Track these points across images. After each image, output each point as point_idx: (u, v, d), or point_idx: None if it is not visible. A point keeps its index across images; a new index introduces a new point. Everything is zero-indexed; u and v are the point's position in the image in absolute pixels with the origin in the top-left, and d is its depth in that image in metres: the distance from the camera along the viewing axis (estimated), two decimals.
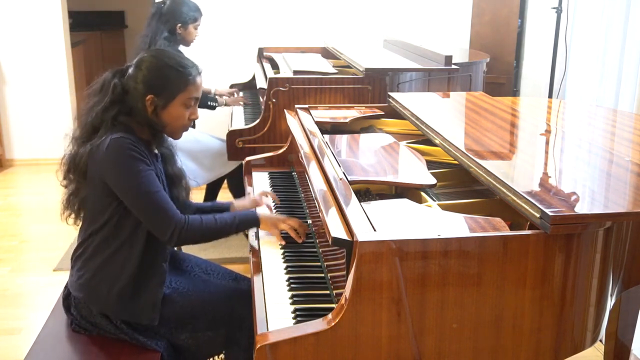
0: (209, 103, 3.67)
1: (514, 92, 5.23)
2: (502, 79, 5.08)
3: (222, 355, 2.12)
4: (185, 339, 1.82)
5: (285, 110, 2.68)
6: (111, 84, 1.79)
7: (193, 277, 1.97)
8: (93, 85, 1.84)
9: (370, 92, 3.18)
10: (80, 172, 1.78)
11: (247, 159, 2.62)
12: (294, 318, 1.49)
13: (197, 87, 1.83)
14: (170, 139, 1.92)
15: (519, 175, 1.65)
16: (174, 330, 1.81)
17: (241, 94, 3.99)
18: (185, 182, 1.99)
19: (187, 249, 2.49)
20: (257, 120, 3.17)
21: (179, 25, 3.43)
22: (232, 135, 3.16)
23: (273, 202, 2.15)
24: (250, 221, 1.89)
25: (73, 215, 1.86)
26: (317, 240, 1.85)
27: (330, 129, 2.47)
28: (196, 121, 3.91)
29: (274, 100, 3.13)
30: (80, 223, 1.87)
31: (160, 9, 3.44)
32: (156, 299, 1.78)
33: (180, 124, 1.83)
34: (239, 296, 1.87)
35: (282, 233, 1.89)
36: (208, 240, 1.91)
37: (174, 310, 1.81)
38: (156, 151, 1.88)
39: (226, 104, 3.82)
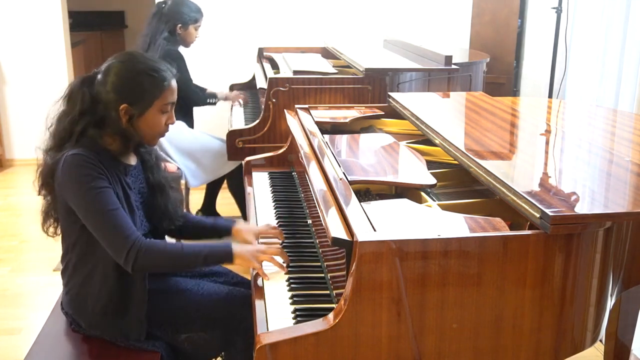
0: (208, 100, 3.67)
1: (514, 92, 5.23)
2: (502, 79, 5.08)
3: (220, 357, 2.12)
4: (182, 341, 1.81)
5: (285, 110, 2.68)
6: (80, 93, 1.70)
7: (189, 279, 1.95)
8: (61, 93, 1.75)
9: (370, 92, 3.18)
10: (49, 185, 1.73)
11: (247, 159, 2.62)
12: (294, 318, 1.49)
13: (173, 91, 1.74)
14: (159, 143, 1.86)
15: (519, 175, 1.65)
16: (170, 332, 1.80)
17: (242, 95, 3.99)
18: (171, 191, 1.90)
19: None
20: (257, 120, 3.17)
21: (180, 25, 3.43)
22: (232, 135, 3.16)
23: (281, 242, 1.89)
24: (222, 256, 1.71)
25: (54, 225, 1.82)
26: (317, 240, 1.85)
27: (330, 129, 2.47)
28: (196, 121, 3.95)
29: (274, 100, 3.13)
30: (59, 233, 1.83)
31: (161, 9, 3.45)
32: (141, 316, 1.74)
33: (157, 131, 1.75)
34: (236, 298, 1.85)
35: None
36: (171, 269, 1.83)
37: (166, 312, 1.80)
38: (132, 162, 1.81)
39: (226, 99, 3.82)
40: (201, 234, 2.03)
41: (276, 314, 1.51)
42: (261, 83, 3.59)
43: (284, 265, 1.72)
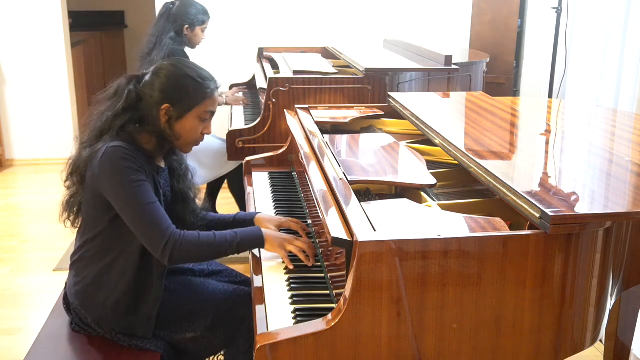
0: None
1: (514, 92, 5.23)
2: (502, 79, 5.08)
3: (221, 357, 2.12)
4: (183, 340, 1.81)
5: (285, 110, 2.68)
6: (126, 90, 1.74)
7: (192, 277, 1.96)
8: (106, 90, 1.80)
9: (370, 92, 3.18)
10: (80, 176, 1.75)
11: (247, 159, 2.62)
12: (294, 318, 1.49)
13: (214, 101, 1.78)
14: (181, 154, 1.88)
15: (519, 175, 1.65)
16: (172, 332, 1.80)
17: (241, 94, 3.99)
18: (193, 204, 1.92)
19: None
20: (257, 120, 3.17)
21: (187, 26, 3.45)
22: (232, 135, 3.16)
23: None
24: (254, 241, 1.76)
25: (72, 218, 1.83)
26: (317, 240, 1.85)
27: (330, 129, 2.47)
28: None
29: (274, 100, 3.13)
30: (78, 226, 1.84)
31: (169, 10, 3.47)
32: (151, 314, 1.75)
33: (193, 137, 1.78)
34: (240, 297, 1.86)
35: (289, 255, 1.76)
36: (206, 258, 1.85)
37: (171, 311, 1.80)
38: (163, 165, 1.84)
39: (226, 103, 3.83)
40: (226, 229, 2.03)
41: (276, 314, 1.51)
42: (261, 83, 3.59)
43: (313, 257, 1.74)
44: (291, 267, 1.71)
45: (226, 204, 3.88)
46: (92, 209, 1.74)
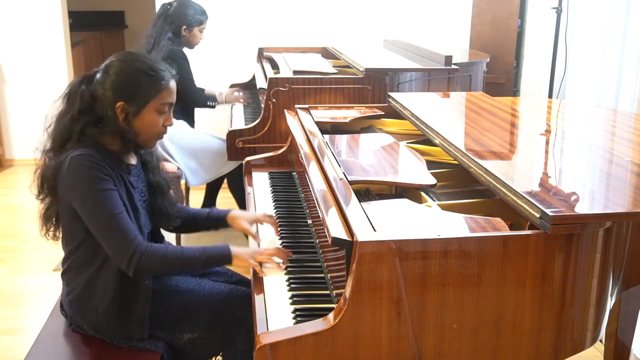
0: (208, 103, 3.68)
1: (514, 92, 5.23)
2: (502, 79, 5.08)
3: (219, 358, 2.12)
4: (182, 340, 1.81)
5: (285, 110, 2.68)
6: (79, 92, 1.69)
7: (190, 278, 1.95)
8: (61, 92, 1.74)
9: (370, 92, 3.18)
10: (51, 187, 1.71)
11: (247, 159, 2.62)
12: (294, 318, 1.49)
13: (171, 91, 1.73)
14: (158, 144, 1.86)
15: (519, 175, 1.65)
16: (171, 333, 1.80)
17: (241, 93, 4.00)
18: (171, 192, 1.90)
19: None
20: (257, 120, 3.17)
21: (184, 27, 3.45)
22: (232, 135, 3.16)
23: (279, 239, 1.93)
24: (222, 259, 1.73)
25: (52, 230, 1.80)
26: (317, 240, 1.85)
27: (330, 129, 2.47)
28: (196, 121, 3.96)
29: (274, 100, 3.13)
30: (59, 237, 1.81)
31: (166, 10, 3.46)
32: (144, 316, 1.75)
33: (154, 131, 1.74)
34: (237, 297, 1.85)
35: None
36: (172, 272, 1.84)
37: (168, 312, 1.80)
38: (133, 161, 1.80)
39: (225, 101, 3.83)
40: (199, 225, 2.05)
41: (276, 314, 1.51)
42: (261, 83, 3.59)
43: (286, 260, 1.74)
44: (263, 274, 1.68)
45: (226, 204, 3.88)
46: (69, 219, 1.71)
